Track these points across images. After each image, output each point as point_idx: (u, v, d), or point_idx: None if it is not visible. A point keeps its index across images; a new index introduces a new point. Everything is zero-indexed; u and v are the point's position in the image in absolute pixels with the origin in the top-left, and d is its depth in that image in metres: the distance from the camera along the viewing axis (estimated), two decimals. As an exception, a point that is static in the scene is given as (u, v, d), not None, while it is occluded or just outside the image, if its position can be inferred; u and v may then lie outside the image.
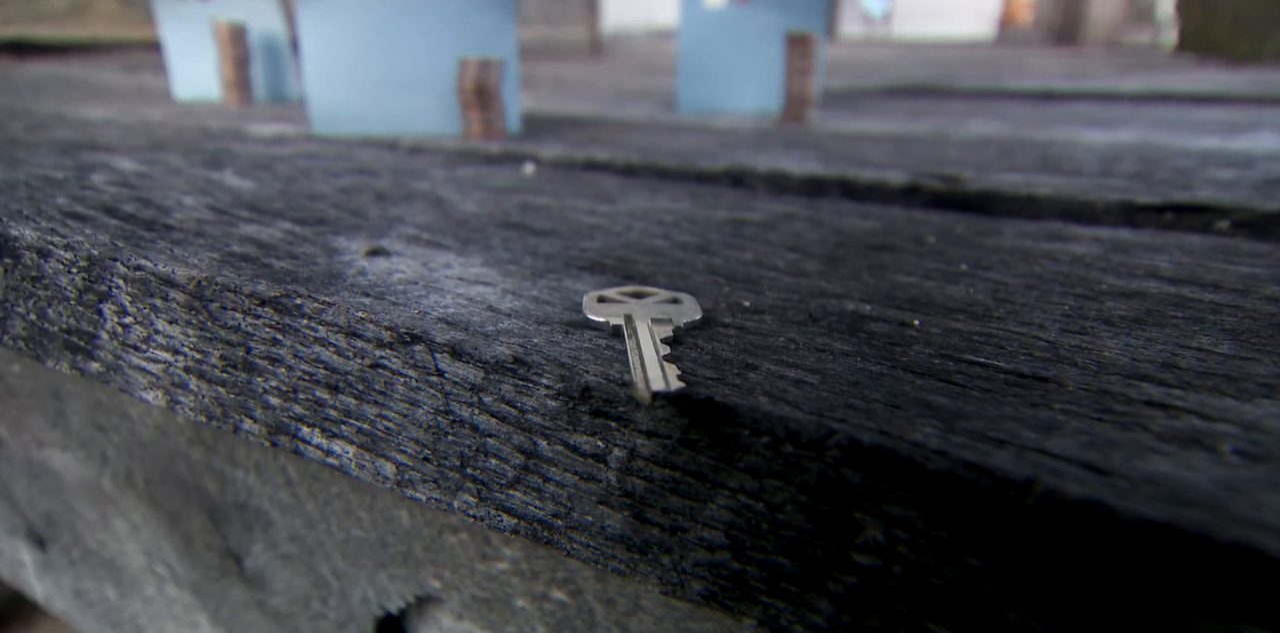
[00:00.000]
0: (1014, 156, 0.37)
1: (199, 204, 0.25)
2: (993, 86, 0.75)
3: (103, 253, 0.19)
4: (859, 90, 0.78)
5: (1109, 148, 0.40)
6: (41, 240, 0.20)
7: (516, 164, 0.37)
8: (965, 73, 1.11)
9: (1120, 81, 0.84)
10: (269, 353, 0.16)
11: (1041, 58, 1.52)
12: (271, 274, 0.18)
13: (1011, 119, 0.55)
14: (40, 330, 0.20)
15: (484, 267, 0.19)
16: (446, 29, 0.44)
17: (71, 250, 0.19)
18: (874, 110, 0.62)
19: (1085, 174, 0.31)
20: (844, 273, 0.19)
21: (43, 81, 0.90)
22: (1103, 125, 0.50)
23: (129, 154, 0.36)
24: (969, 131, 0.48)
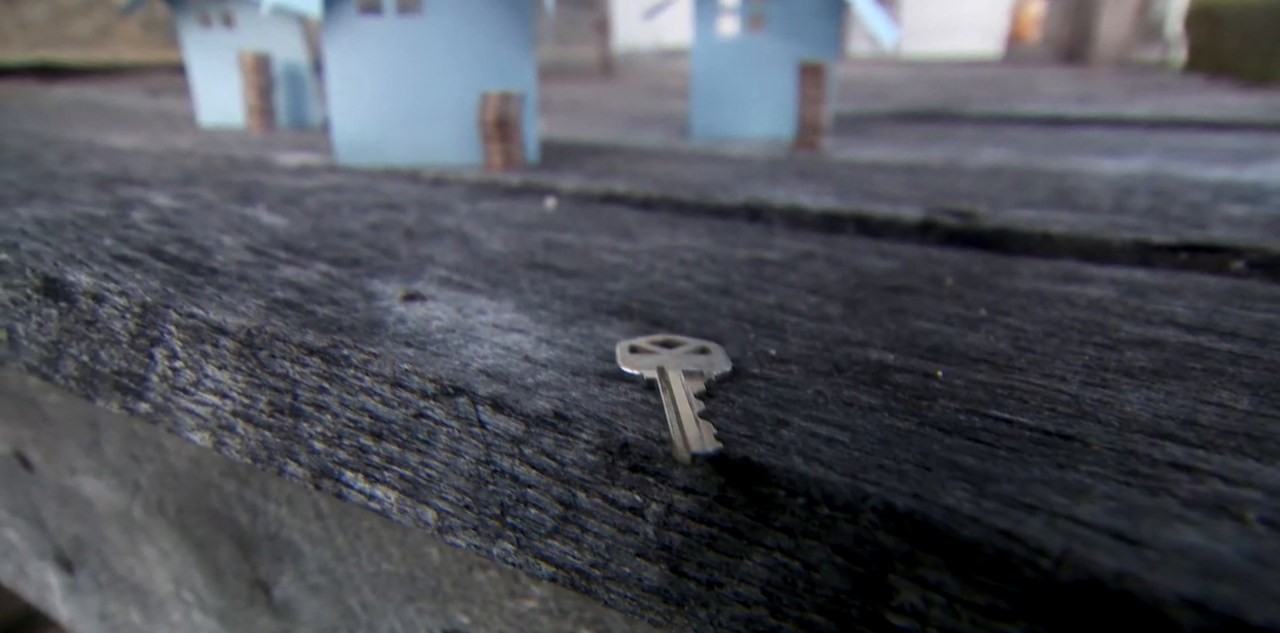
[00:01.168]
0: (1027, 189, 0.37)
1: (238, 244, 0.26)
2: (1003, 112, 0.75)
3: (156, 300, 0.19)
4: (869, 115, 0.79)
5: (1122, 178, 0.40)
6: (97, 286, 0.20)
7: (537, 196, 0.38)
8: (974, 94, 1.12)
9: (1130, 104, 0.85)
10: (315, 400, 0.17)
11: (1050, 79, 1.53)
12: (317, 322, 0.18)
13: (1023, 146, 0.55)
14: (92, 371, 0.21)
15: (516, 312, 0.20)
16: (468, 62, 0.45)
17: (126, 297, 0.20)
18: (885, 136, 0.63)
19: (1099, 210, 0.32)
20: (865, 317, 0.20)
21: (69, 107, 0.93)
22: (1115, 153, 0.51)
23: (163, 188, 0.38)
24: (981, 160, 0.49)
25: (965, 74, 1.78)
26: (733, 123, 0.62)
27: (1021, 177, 0.41)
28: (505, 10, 0.44)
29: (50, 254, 0.23)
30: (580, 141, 0.60)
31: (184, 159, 0.49)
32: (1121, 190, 0.37)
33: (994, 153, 0.52)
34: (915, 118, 0.77)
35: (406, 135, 0.46)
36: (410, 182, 0.42)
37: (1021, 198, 0.35)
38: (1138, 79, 1.41)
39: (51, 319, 0.22)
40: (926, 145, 0.57)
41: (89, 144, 0.57)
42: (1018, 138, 0.60)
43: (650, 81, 1.60)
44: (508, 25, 0.44)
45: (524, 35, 0.45)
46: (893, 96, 1.07)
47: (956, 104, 0.87)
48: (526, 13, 0.44)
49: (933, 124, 0.71)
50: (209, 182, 0.40)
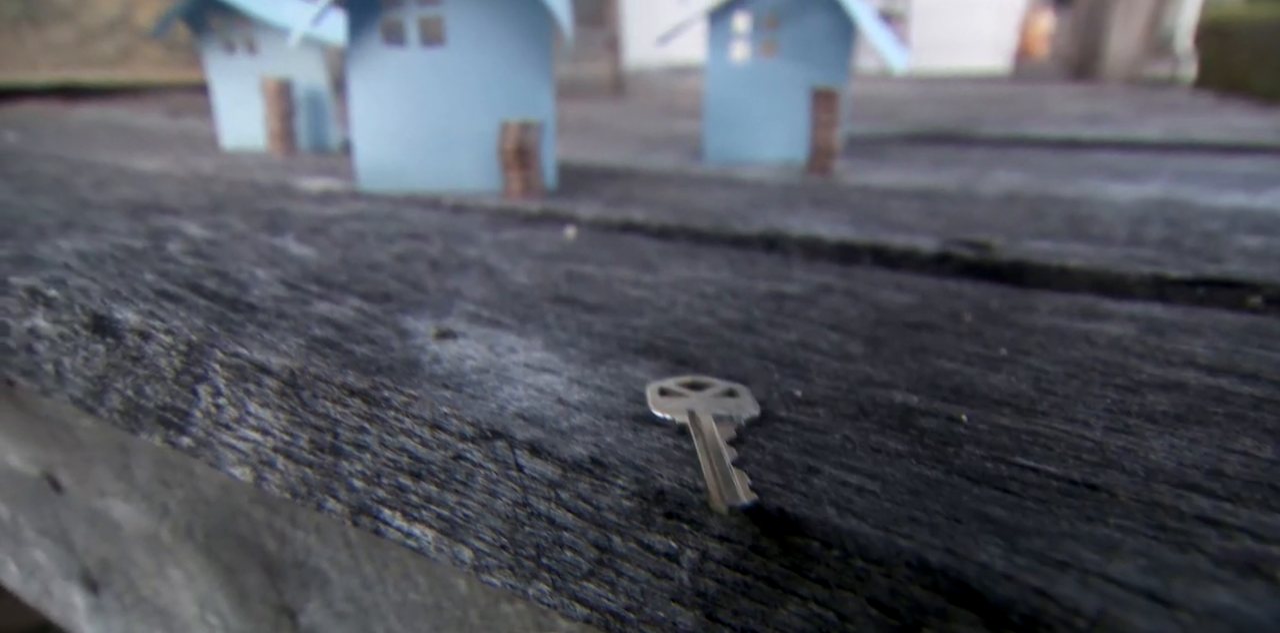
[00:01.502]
0: (1042, 218, 0.38)
1: (272, 278, 0.27)
2: (1015, 134, 0.76)
3: (201, 338, 0.20)
4: (881, 137, 0.80)
5: (1136, 205, 0.41)
6: (144, 324, 0.21)
7: (557, 225, 0.39)
8: (984, 113, 1.13)
9: (1141, 124, 0.85)
10: (356, 439, 0.18)
11: (1060, 97, 1.54)
12: (356, 362, 0.19)
13: (1036, 169, 0.56)
14: (136, 405, 0.22)
15: (546, 350, 0.21)
16: (488, 92, 0.46)
17: (172, 335, 0.21)
18: (897, 159, 0.63)
19: (1114, 241, 0.32)
20: (887, 356, 0.20)
21: (95, 128, 0.95)
22: (1128, 177, 0.51)
23: (194, 217, 0.39)
24: (995, 184, 0.49)
25: (974, 91, 1.79)
26: (745, 146, 0.63)
27: (1036, 204, 0.42)
28: (525, 41, 0.45)
29: (97, 290, 0.24)
30: (595, 165, 0.61)
31: (210, 184, 0.51)
32: (1136, 219, 0.37)
33: (1008, 177, 0.52)
34: (927, 139, 0.77)
35: (427, 162, 0.48)
36: (431, 209, 0.43)
37: (1037, 228, 0.35)
38: (1148, 97, 1.42)
39: (98, 355, 0.23)
40: (939, 169, 0.57)
41: (117, 168, 0.59)
42: (1030, 161, 0.61)
43: (661, 100, 1.61)
44: (527, 55, 0.45)
45: (543, 65, 0.46)
46: (903, 115, 1.08)
47: (968, 125, 0.88)
48: (545, 43, 0.45)
49: (945, 146, 0.72)
50: (237, 209, 0.41)
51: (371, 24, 0.45)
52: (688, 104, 1.42)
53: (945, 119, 1.00)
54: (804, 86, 0.61)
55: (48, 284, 0.25)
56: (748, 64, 0.60)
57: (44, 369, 0.25)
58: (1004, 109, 1.18)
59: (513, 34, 0.45)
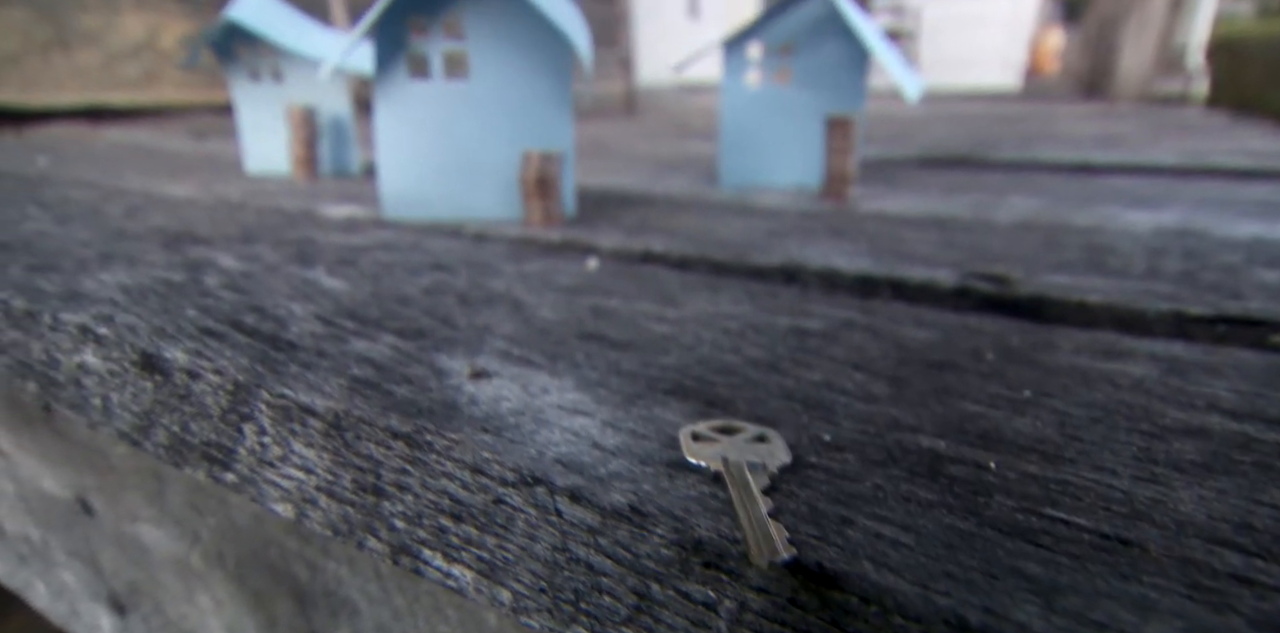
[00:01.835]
0: (1059, 248, 0.38)
1: (307, 313, 0.28)
2: (1029, 158, 0.76)
3: (248, 379, 0.21)
4: (894, 160, 0.81)
5: (1153, 235, 0.41)
6: (192, 363, 0.22)
7: (578, 255, 0.40)
8: (996, 133, 1.14)
9: (1156, 147, 0.85)
10: (398, 481, 0.18)
11: (1072, 117, 1.54)
12: (397, 404, 0.20)
13: (1051, 195, 0.56)
14: (182, 441, 0.23)
15: (578, 391, 0.21)
16: (510, 123, 0.47)
17: (219, 375, 0.21)
18: (911, 184, 0.64)
19: (1132, 274, 0.32)
20: (912, 398, 0.21)
21: (121, 152, 0.97)
22: (1144, 204, 0.51)
23: (227, 248, 0.40)
24: (1010, 211, 0.49)
25: (985, 110, 1.80)
26: (760, 171, 0.64)
27: (1052, 233, 0.42)
28: (546, 75, 0.46)
29: (144, 328, 0.25)
30: (612, 190, 0.62)
31: (238, 212, 0.52)
32: (1153, 251, 0.37)
33: (1022, 204, 0.53)
34: (940, 163, 0.78)
35: (450, 191, 0.49)
36: (454, 238, 0.44)
37: (1054, 259, 0.36)
38: (1161, 116, 1.42)
39: (146, 391, 0.24)
40: (953, 194, 0.58)
41: (146, 194, 0.60)
42: (1045, 185, 0.61)
43: (673, 119, 1.63)
44: (548, 88, 0.47)
45: (563, 97, 0.47)
46: (915, 136, 1.08)
47: (980, 148, 0.88)
48: (566, 76, 0.47)
49: (958, 170, 0.72)
50: (267, 239, 0.42)
51: (398, 58, 0.46)
52: (700, 124, 1.44)
53: (957, 140, 1.00)
54: (818, 113, 0.62)
55: (98, 321, 0.26)
56: (762, 91, 0.61)
57: (91, 403, 0.25)
58: (1016, 129, 1.18)
59: (534, 67, 0.46)
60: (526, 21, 0.45)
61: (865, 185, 0.63)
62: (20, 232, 0.43)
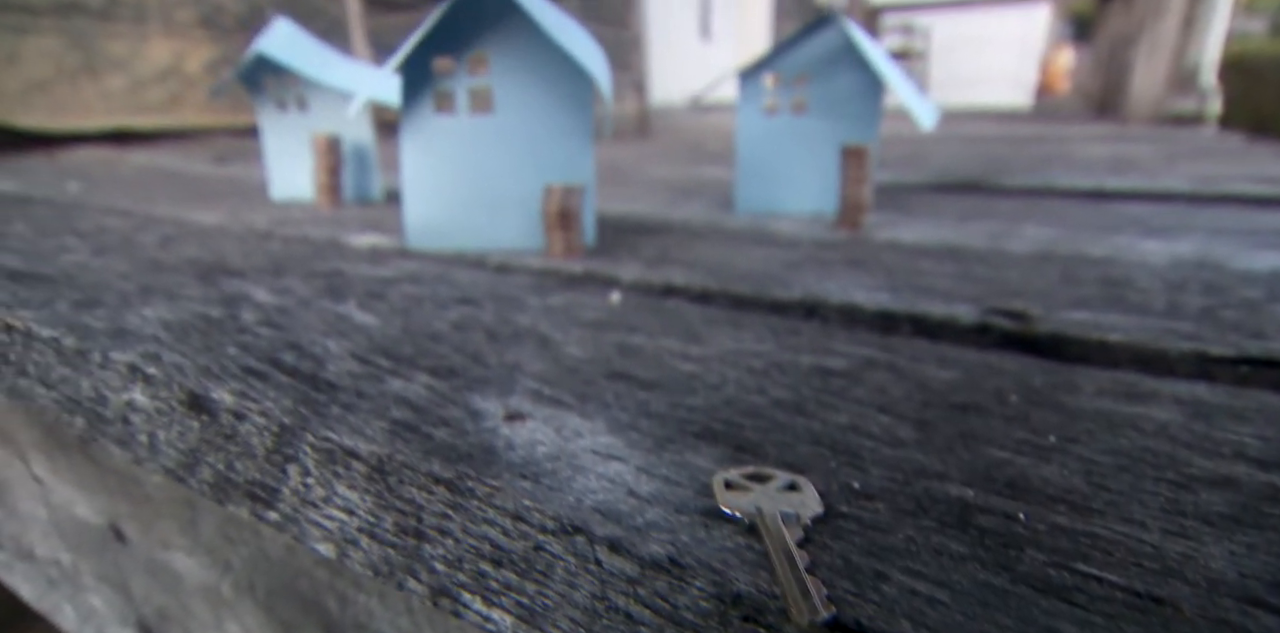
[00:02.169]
0: (1076, 282, 0.39)
1: (343, 351, 0.29)
2: (1042, 185, 0.77)
3: (294, 422, 0.22)
4: (907, 185, 0.81)
5: (1171, 268, 0.41)
6: (238, 404, 0.23)
7: (599, 287, 0.41)
8: (1008, 155, 1.14)
9: (1170, 171, 0.85)
10: (439, 525, 0.19)
11: (1085, 139, 1.55)
12: (438, 448, 0.20)
13: (1066, 224, 0.57)
14: (226, 479, 0.23)
15: (610, 434, 0.22)
16: (533, 157, 0.49)
17: (265, 417, 0.22)
18: (925, 210, 0.65)
19: (1152, 311, 0.33)
20: (938, 443, 0.21)
21: (149, 177, 1.00)
22: (1160, 234, 0.51)
23: (259, 281, 0.41)
24: (1025, 241, 0.50)
25: (997, 130, 1.81)
26: (776, 198, 0.65)
27: (1069, 265, 0.43)
28: (568, 109, 0.47)
29: (190, 367, 0.26)
30: (630, 218, 0.63)
31: (266, 242, 0.53)
32: (1173, 285, 0.37)
33: (1037, 233, 0.53)
34: (953, 188, 0.79)
35: (473, 223, 0.50)
36: (478, 269, 0.45)
37: (1072, 294, 0.36)
38: (1175, 139, 1.42)
39: (192, 430, 0.24)
40: (968, 222, 0.58)
41: (177, 222, 0.62)
42: (1059, 213, 0.62)
43: (686, 140, 1.65)
44: (570, 123, 0.48)
45: (584, 131, 0.48)
46: (927, 158, 1.09)
47: (993, 174, 0.89)
48: (587, 111, 0.48)
49: (971, 196, 0.73)
50: (297, 271, 0.43)
51: (425, 94, 0.47)
52: (713, 146, 1.46)
53: (969, 164, 1.01)
54: (833, 142, 0.63)
55: (146, 361, 0.27)
56: (778, 120, 0.63)
57: (138, 439, 0.26)
58: (1028, 152, 1.19)
59: (556, 102, 0.47)
60: (549, 58, 0.46)
61: (879, 212, 0.64)
62: (61, 263, 0.44)
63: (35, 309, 0.33)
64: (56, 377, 0.29)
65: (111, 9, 1.70)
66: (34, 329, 0.30)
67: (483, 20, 0.46)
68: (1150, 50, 1.74)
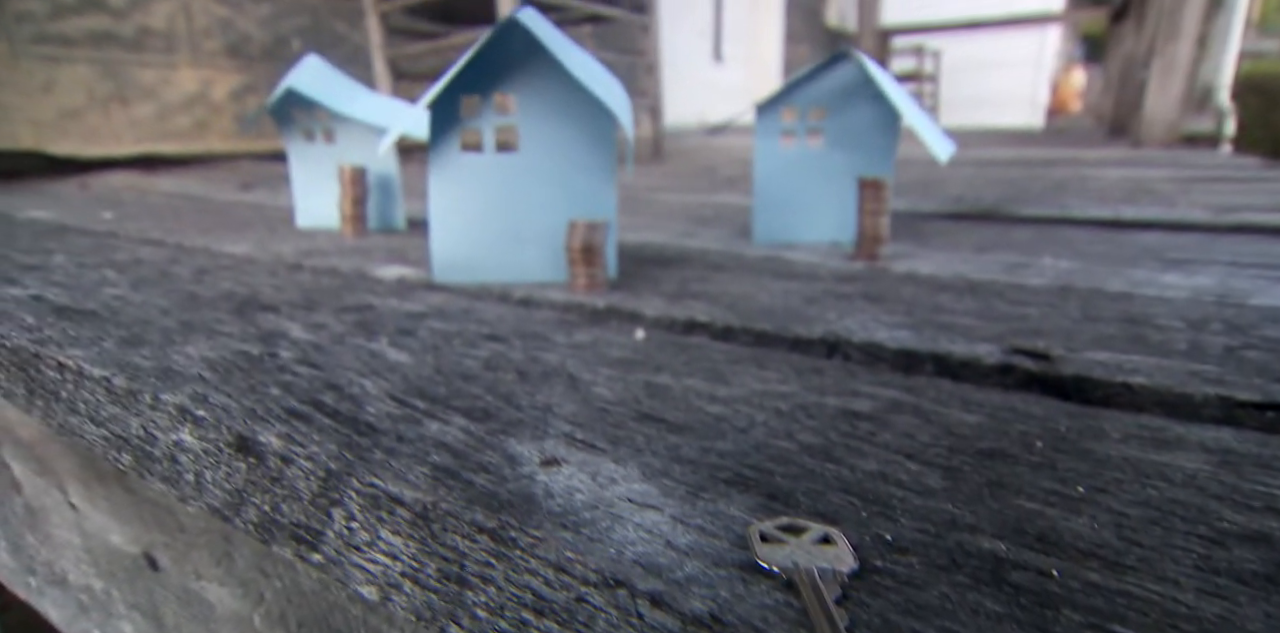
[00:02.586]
0: (1097, 319, 0.39)
1: (380, 392, 0.30)
2: (1058, 215, 0.77)
3: (339, 467, 0.22)
4: (922, 213, 0.82)
5: (1192, 304, 0.41)
6: (286, 449, 0.24)
7: (623, 322, 0.41)
8: (1022, 180, 1.15)
9: (1187, 198, 0.86)
10: (482, 573, 0.20)
11: (1099, 163, 1.55)
12: (479, 497, 0.21)
13: (1084, 255, 0.57)
14: (272, 520, 0.24)
15: (644, 481, 0.22)
16: (557, 193, 0.50)
17: (312, 461, 0.23)
18: (942, 241, 0.65)
19: (1175, 351, 0.33)
20: (967, 492, 0.22)
21: (178, 205, 1.03)
22: (1179, 266, 0.52)
23: (292, 316, 0.42)
24: (1044, 274, 0.50)
25: (1009, 153, 1.82)
26: (793, 229, 0.66)
27: (1089, 300, 0.43)
28: (591, 147, 0.49)
29: (236, 409, 0.27)
30: (649, 248, 0.64)
31: (296, 273, 0.55)
32: (1194, 323, 0.38)
33: (1055, 265, 0.53)
34: (969, 217, 0.79)
35: (498, 257, 0.51)
36: (502, 303, 0.46)
37: (1094, 333, 0.36)
38: (1189, 163, 1.42)
39: (239, 471, 0.25)
40: (985, 253, 0.59)
41: (208, 252, 0.64)
42: (1076, 243, 0.62)
43: (699, 165, 1.67)
44: (593, 160, 0.49)
45: (607, 168, 0.49)
46: (942, 184, 1.10)
47: (1009, 202, 0.89)
48: (610, 149, 0.49)
49: (987, 225, 0.73)
50: (329, 305, 0.45)
51: (452, 132, 0.49)
52: (727, 171, 1.47)
53: (984, 190, 1.02)
54: (850, 173, 0.64)
55: (195, 402, 0.28)
56: (795, 152, 0.64)
57: (185, 478, 0.27)
58: (1042, 176, 1.19)
59: (580, 140, 0.49)
60: (573, 97, 0.48)
61: (895, 242, 0.65)
62: (103, 298, 0.46)
63: (85, 347, 0.34)
64: (106, 415, 0.30)
65: (143, 39, 1.76)
66: (86, 369, 0.32)
67: (509, 61, 0.48)
68: (1164, 72, 1.74)
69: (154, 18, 1.78)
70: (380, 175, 0.78)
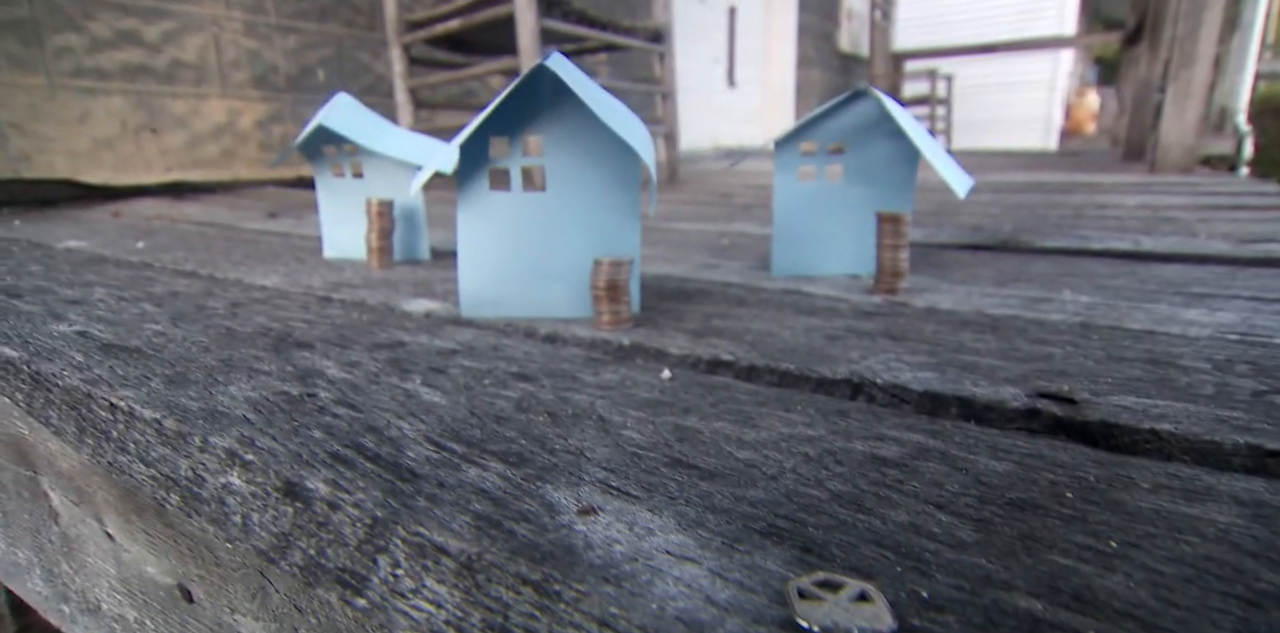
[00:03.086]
0: (1121, 360, 0.39)
1: (418, 435, 0.31)
2: (1077, 246, 0.77)
3: (385, 515, 0.23)
4: (939, 243, 0.83)
5: (1216, 343, 0.42)
6: (333, 495, 0.25)
7: (648, 360, 0.42)
8: (1038, 207, 1.15)
9: (1207, 227, 0.85)
10: (526, 625, 0.20)
11: (1116, 189, 1.55)
12: (522, 548, 0.22)
13: (1104, 289, 0.57)
14: (317, 564, 0.25)
15: (680, 532, 0.23)
16: (581, 231, 0.51)
17: (358, 508, 0.24)
18: (960, 273, 0.65)
19: (1202, 395, 0.33)
20: (1000, 546, 0.22)
21: (207, 234, 1.05)
22: (1202, 301, 0.52)
23: (326, 353, 0.43)
24: (1064, 310, 0.51)
25: (1024, 178, 1.82)
26: (812, 262, 0.66)
27: (1111, 339, 0.43)
28: (616, 186, 0.50)
29: (283, 453, 0.28)
30: (669, 279, 0.65)
31: (327, 307, 0.56)
32: (1220, 365, 0.38)
33: (1075, 300, 0.54)
34: (986, 248, 0.79)
35: (524, 293, 0.52)
36: (528, 339, 0.47)
37: (1118, 374, 0.37)
38: (1207, 188, 1.41)
39: (286, 515, 0.26)
40: (1005, 287, 0.59)
41: (240, 284, 0.66)
42: (1096, 276, 0.62)
43: (714, 190, 1.69)
44: (618, 199, 0.50)
45: (631, 207, 0.51)
46: (957, 211, 1.11)
47: (1026, 231, 0.90)
48: (634, 187, 0.51)
49: (1005, 257, 0.74)
50: (361, 342, 0.46)
51: (481, 172, 0.51)
52: (742, 198, 1.49)
53: (1000, 218, 1.02)
54: (868, 207, 0.64)
55: (243, 446, 0.29)
56: (813, 187, 0.65)
57: (232, 520, 0.28)
58: (1058, 202, 1.19)
59: (605, 181, 0.50)
60: (599, 139, 0.49)
61: (914, 273, 0.65)
62: (145, 333, 0.47)
63: (134, 387, 0.36)
64: (156, 456, 0.32)
65: (175, 71, 1.82)
66: (137, 410, 0.33)
67: (538, 104, 0.49)
68: (1179, 97, 1.74)
69: (186, 51, 1.84)
70: (405, 207, 0.80)
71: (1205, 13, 1.66)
